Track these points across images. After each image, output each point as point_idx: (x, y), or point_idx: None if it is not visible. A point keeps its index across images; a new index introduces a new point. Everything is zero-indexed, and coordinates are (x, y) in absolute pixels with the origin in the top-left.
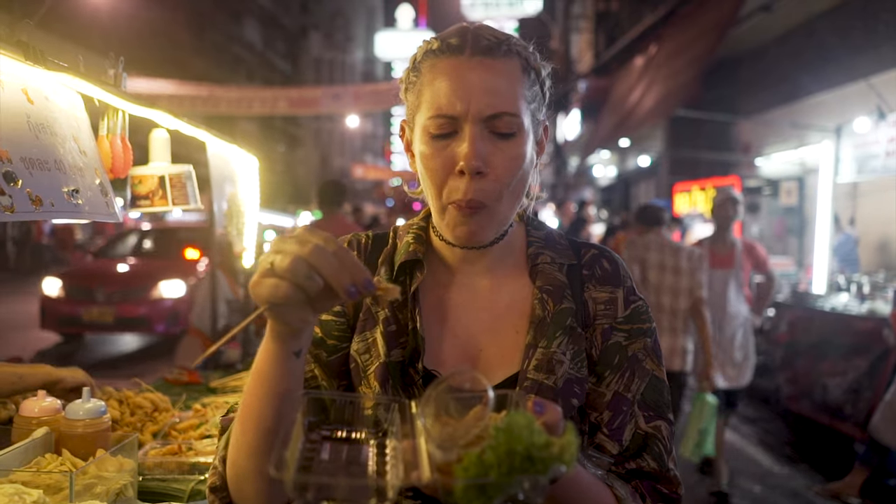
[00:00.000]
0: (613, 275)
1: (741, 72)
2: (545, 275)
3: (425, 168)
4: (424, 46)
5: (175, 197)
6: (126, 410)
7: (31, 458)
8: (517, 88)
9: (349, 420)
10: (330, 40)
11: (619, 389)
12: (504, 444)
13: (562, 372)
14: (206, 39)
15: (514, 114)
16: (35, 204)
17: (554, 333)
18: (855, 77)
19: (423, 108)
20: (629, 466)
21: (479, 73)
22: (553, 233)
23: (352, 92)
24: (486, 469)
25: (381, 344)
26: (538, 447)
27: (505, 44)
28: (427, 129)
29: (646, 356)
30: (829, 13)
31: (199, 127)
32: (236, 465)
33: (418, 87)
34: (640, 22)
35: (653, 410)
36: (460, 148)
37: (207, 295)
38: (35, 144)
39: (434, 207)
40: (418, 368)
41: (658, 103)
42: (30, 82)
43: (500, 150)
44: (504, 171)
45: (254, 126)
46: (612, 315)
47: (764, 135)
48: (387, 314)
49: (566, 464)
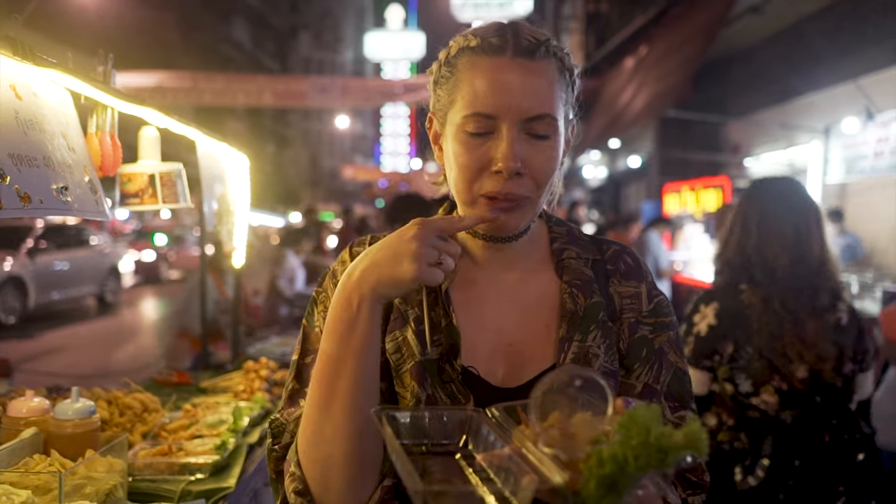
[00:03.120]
0: (636, 270)
1: (731, 73)
2: (572, 270)
3: (457, 164)
4: (461, 42)
5: (165, 195)
6: (115, 411)
7: (19, 458)
8: (555, 90)
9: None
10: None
11: (648, 381)
12: (636, 437)
13: (598, 365)
14: (194, 39)
15: (553, 116)
16: (24, 201)
17: (588, 327)
18: (843, 78)
19: (458, 105)
20: None
21: (520, 75)
22: (573, 229)
23: (340, 85)
24: (620, 464)
25: (413, 342)
26: (668, 437)
27: (544, 45)
28: (463, 127)
29: (670, 349)
30: (818, 15)
31: (189, 125)
32: (321, 456)
33: (453, 82)
34: (630, 23)
35: (678, 401)
36: (498, 148)
37: (196, 295)
38: (23, 141)
39: (462, 200)
40: (455, 365)
41: (648, 104)
42: (18, 78)
43: (536, 151)
44: (540, 173)
45: (243, 126)
46: (638, 309)
47: (753, 135)
48: (417, 313)
49: (699, 451)
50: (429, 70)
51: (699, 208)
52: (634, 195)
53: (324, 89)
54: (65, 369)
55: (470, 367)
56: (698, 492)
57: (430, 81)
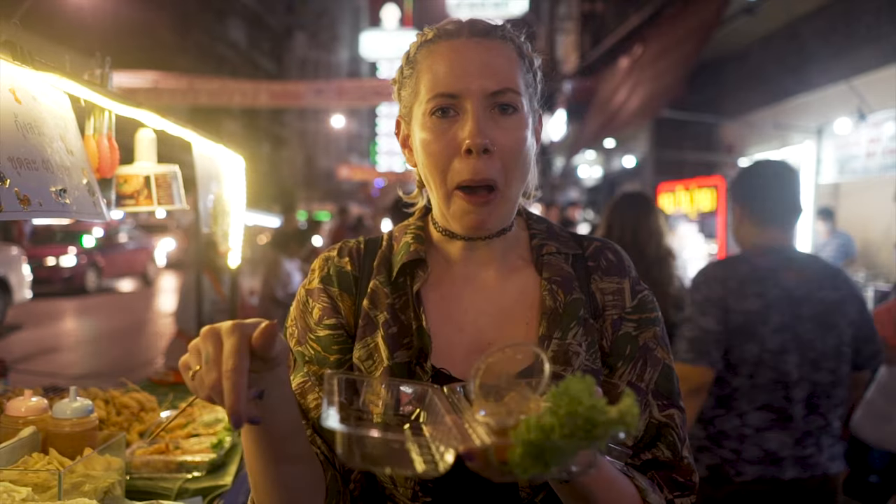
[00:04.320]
0: (618, 265)
1: (725, 73)
2: (552, 266)
3: (427, 154)
4: (419, 39)
5: (160, 197)
6: (112, 410)
7: (17, 457)
8: (515, 69)
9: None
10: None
11: (632, 380)
12: (565, 407)
13: (578, 363)
14: (190, 39)
15: (516, 90)
16: (23, 203)
17: (568, 324)
18: (836, 79)
19: (421, 94)
20: (644, 457)
21: (478, 52)
22: (553, 226)
23: (335, 87)
24: (546, 432)
25: (383, 347)
26: (599, 410)
27: (500, 29)
28: (428, 113)
29: (656, 345)
30: (811, 16)
31: (185, 126)
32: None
33: (415, 77)
34: (625, 23)
35: (666, 399)
36: (464, 128)
37: (192, 295)
38: (23, 144)
39: (438, 196)
40: (426, 367)
41: (643, 104)
42: (18, 82)
43: (503, 129)
44: (509, 150)
45: (238, 126)
46: (621, 306)
47: (747, 135)
48: (386, 317)
49: (629, 426)
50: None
51: (694, 208)
52: None
53: (320, 91)
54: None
55: (442, 368)
56: (686, 493)
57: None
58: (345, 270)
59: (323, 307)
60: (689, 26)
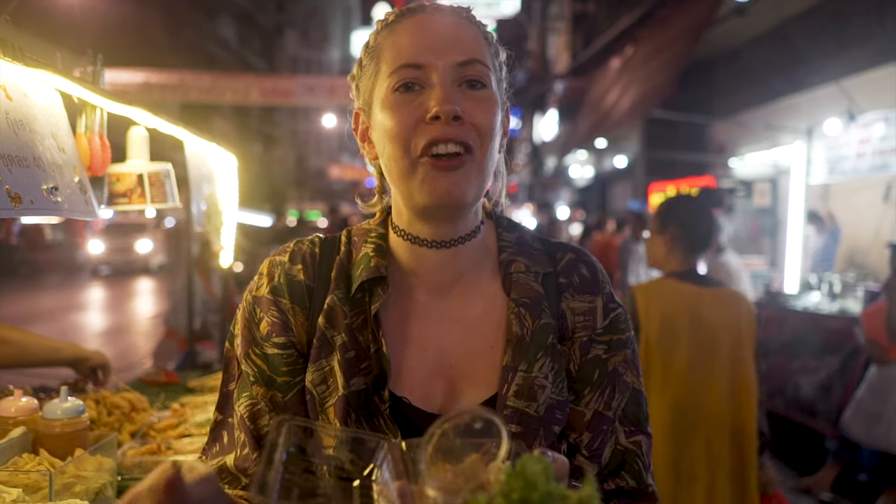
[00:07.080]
0: (592, 282)
1: (715, 74)
2: (520, 285)
3: (386, 130)
4: (379, 26)
5: (153, 195)
6: (103, 410)
7: (7, 458)
8: (483, 47)
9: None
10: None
11: (598, 408)
12: (518, 491)
13: (543, 398)
14: (180, 37)
15: (485, 63)
16: (14, 201)
17: (535, 355)
18: (826, 79)
19: (383, 72)
20: (608, 487)
21: (444, 25)
22: (525, 234)
23: (327, 84)
24: None
25: (339, 373)
26: (554, 497)
27: (466, 12)
28: (390, 88)
29: (626, 369)
30: (801, 17)
31: (177, 125)
32: None
33: (375, 61)
34: (616, 24)
35: (633, 425)
36: (431, 97)
37: (183, 295)
38: (14, 141)
39: (401, 171)
40: (384, 396)
41: (634, 104)
42: (8, 79)
43: (473, 102)
44: (481, 123)
45: (229, 125)
46: (592, 327)
47: (738, 136)
48: (344, 339)
49: None
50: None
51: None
52: (620, 195)
53: (311, 88)
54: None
55: (402, 397)
56: None
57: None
58: (297, 280)
59: (272, 322)
60: (681, 27)
